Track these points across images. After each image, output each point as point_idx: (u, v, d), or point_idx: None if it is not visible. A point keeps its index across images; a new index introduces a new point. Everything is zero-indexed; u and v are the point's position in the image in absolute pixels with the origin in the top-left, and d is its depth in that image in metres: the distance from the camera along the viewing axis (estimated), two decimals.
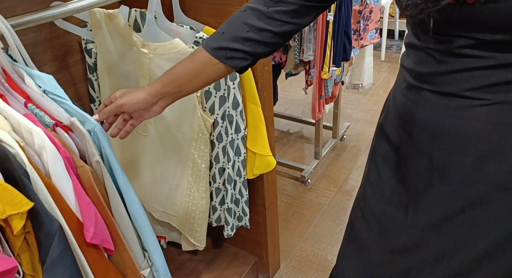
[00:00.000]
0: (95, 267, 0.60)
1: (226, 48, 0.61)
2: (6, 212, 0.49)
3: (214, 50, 0.61)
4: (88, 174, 0.57)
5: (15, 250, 0.55)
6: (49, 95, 0.62)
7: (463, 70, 0.56)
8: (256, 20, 0.60)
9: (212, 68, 0.62)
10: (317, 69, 1.55)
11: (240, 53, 0.61)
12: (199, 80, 0.63)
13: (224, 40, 0.60)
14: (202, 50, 0.62)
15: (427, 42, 0.58)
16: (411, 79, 0.64)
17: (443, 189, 0.65)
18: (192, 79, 0.63)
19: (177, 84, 0.64)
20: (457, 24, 0.54)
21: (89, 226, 0.56)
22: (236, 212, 1.13)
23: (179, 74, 0.63)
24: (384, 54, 3.09)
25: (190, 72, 0.63)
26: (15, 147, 0.53)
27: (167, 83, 0.64)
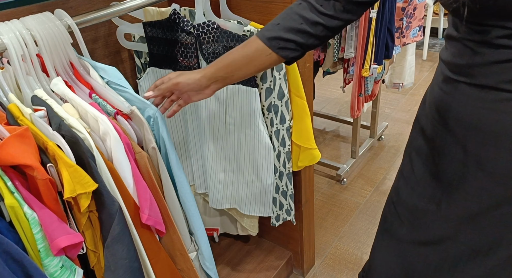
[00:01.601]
0: (148, 247, 0.64)
1: (280, 38, 0.64)
2: (76, 190, 0.55)
3: (268, 40, 0.64)
4: (145, 159, 0.62)
5: (80, 227, 0.61)
6: (112, 85, 0.67)
7: (500, 61, 0.56)
8: (309, 13, 0.63)
9: (264, 57, 0.65)
10: (358, 67, 1.53)
11: (292, 44, 0.64)
12: (251, 67, 0.67)
13: (279, 31, 0.64)
14: (256, 39, 0.66)
15: (464, 33, 0.58)
16: (448, 72, 0.64)
17: (478, 183, 0.64)
18: (245, 65, 0.67)
19: (230, 69, 0.67)
20: (493, 13, 0.53)
21: (144, 208, 0.61)
22: (284, 204, 1.14)
23: (233, 60, 0.67)
24: (426, 53, 2.98)
25: (243, 59, 0.66)
26: (84, 132, 0.59)
27: (221, 68, 0.68)
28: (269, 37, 0.64)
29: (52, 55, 0.68)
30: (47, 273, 0.55)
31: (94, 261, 0.62)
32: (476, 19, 0.55)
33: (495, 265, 0.68)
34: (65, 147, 0.57)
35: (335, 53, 1.61)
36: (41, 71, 0.68)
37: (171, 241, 0.68)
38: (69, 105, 0.64)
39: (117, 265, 0.59)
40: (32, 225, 0.53)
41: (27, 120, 0.61)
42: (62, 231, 0.54)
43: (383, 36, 1.49)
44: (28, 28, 0.65)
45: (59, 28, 0.68)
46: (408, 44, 1.72)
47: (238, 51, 0.68)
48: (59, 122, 0.60)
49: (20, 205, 0.53)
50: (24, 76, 0.66)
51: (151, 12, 1.01)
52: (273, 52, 0.65)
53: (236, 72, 0.68)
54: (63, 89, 0.66)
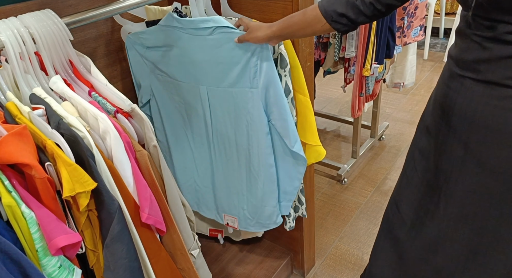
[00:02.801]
0: (148, 246, 0.64)
1: (335, 11, 0.71)
2: (75, 189, 0.54)
3: (326, 11, 0.72)
4: (145, 158, 0.61)
5: (79, 226, 0.60)
6: None
7: (506, 57, 0.56)
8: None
9: (320, 25, 0.74)
10: (359, 66, 1.53)
11: (344, 19, 0.71)
12: (309, 30, 0.77)
13: (336, 4, 0.71)
14: (316, 8, 0.74)
15: (473, 28, 0.58)
16: (455, 68, 0.64)
17: (479, 179, 0.64)
18: (303, 28, 0.76)
19: (290, 30, 0.78)
20: (500, 7, 0.53)
21: (144, 207, 0.60)
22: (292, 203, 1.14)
23: (295, 23, 0.77)
24: (427, 53, 2.98)
25: (302, 24, 0.76)
26: (83, 131, 0.58)
27: (283, 28, 0.78)
28: (327, 9, 0.72)
29: (50, 53, 0.67)
30: (45, 273, 0.54)
31: (93, 261, 0.61)
32: (484, 13, 0.56)
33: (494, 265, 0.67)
34: (64, 145, 0.56)
35: (336, 53, 1.60)
36: (39, 70, 0.67)
37: (172, 240, 0.68)
38: (68, 104, 0.64)
39: (117, 265, 0.58)
40: (30, 224, 0.53)
41: (25, 119, 0.60)
42: (60, 230, 0.54)
43: (384, 36, 1.48)
44: (26, 26, 0.65)
45: (58, 25, 0.67)
46: (409, 43, 1.71)
47: (298, 16, 0.76)
48: (58, 120, 0.59)
49: (18, 204, 0.52)
50: (22, 74, 0.65)
51: (153, 10, 1.01)
52: (326, 23, 0.72)
53: (295, 33, 0.79)
54: (62, 87, 0.66)
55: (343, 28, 0.72)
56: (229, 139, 1.01)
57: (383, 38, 1.48)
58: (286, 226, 1.14)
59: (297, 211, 1.16)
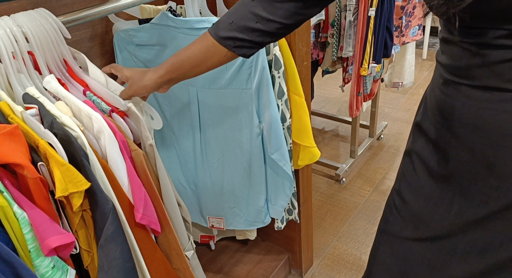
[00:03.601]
0: (143, 247, 0.63)
1: (235, 38, 0.61)
2: (68, 189, 0.54)
3: (223, 39, 0.62)
4: (141, 157, 0.60)
5: (73, 226, 0.60)
6: None
7: (501, 61, 0.55)
8: (264, 12, 0.59)
9: (219, 56, 0.63)
10: (356, 66, 1.52)
11: (247, 43, 0.62)
12: (204, 67, 0.65)
13: (233, 30, 0.61)
14: (208, 37, 0.63)
15: (460, 36, 0.57)
16: (448, 75, 0.63)
17: (489, 183, 0.63)
18: (198, 66, 0.65)
19: (182, 71, 0.66)
20: (486, 18, 0.53)
21: (139, 207, 0.60)
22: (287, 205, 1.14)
23: (185, 61, 0.65)
24: (426, 52, 2.97)
25: (196, 59, 0.64)
26: (77, 130, 0.57)
27: (173, 71, 0.66)
28: (223, 37, 0.62)
29: (44, 53, 0.67)
30: (38, 274, 0.54)
31: (88, 261, 0.61)
32: (469, 24, 0.55)
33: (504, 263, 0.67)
34: (57, 145, 0.56)
35: (334, 52, 1.60)
36: (33, 69, 0.67)
37: (167, 240, 0.67)
38: (62, 103, 0.63)
39: (111, 265, 0.58)
40: (22, 225, 0.52)
41: (18, 119, 0.59)
42: (53, 231, 0.53)
43: (381, 35, 1.48)
44: (19, 25, 0.64)
45: (52, 24, 0.66)
46: (408, 43, 1.71)
47: (190, 50, 0.65)
48: (51, 120, 0.59)
49: (10, 205, 0.52)
50: (15, 74, 0.65)
51: (147, 9, 1.00)
52: (229, 51, 0.63)
53: (188, 73, 0.66)
54: (56, 87, 0.65)
55: (249, 52, 0.63)
56: (217, 138, 1.00)
57: (381, 38, 1.48)
58: (275, 226, 1.14)
59: (290, 213, 1.15)
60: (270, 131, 0.94)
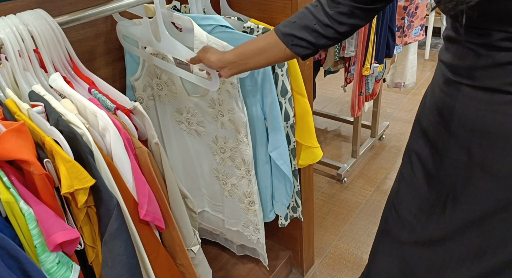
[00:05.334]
0: (147, 243, 0.64)
1: (294, 35, 0.67)
2: (73, 186, 0.55)
3: (284, 36, 0.68)
4: (145, 154, 0.61)
5: (78, 223, 0.60)
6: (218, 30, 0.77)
7: (504, 63, 0.55)
8: (323, 16, 0.65)
9: (278, 51, 0.69)
10: (358, 66, 1.53)
11: (304, 42, 0.67)
12: (263, 58, 0.71)
13: (294, 28, 0.67)
14: (273, 33, 0.70)
15: (465, 36, 0.57)
16: (449, 74, 0.63)
17: (484, 185, 0.63)
18: (257, 55, 0.71)
19: (244, 56, 0.72)
20: (493, 19, 0.53)
21: (143, 204, 0.61)
22: (291, 202, 1.14)
23: (249, 49, 0.72)
24: (428, 53, 2.97)
25: (258, 49, 0.71)
26: (82, 128, 0.58)
27: (236, 55, 0.73)
28: (285, 33, 0.68)
29: (50, 51, 0.68)
30: (43, 269, 0.55)
31: (92, 257, 0.62)
32: (476, 24, 0.54)
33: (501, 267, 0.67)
34: (63, 142, 0.57)
35: (336, 52, 1.60)
36: (39, 67, 0.68)
37: (171, 236, 0.68)
38: (68, 101, 0.64)
39: (115, 261, 0.58)
40: (28, 220, 0.53)
41: (24, 116, 0.60)
42: (59, 226, 0.54)
43: (384, 35, 1.48)
44: (25, 23, 0.65)
45: (51, 25, 0.67)
46: (410, 43, 1.71)
47: (255, 41, 0.72)
48: (57, 117, 0.60)
49: (16, 201, 0.53)
50: (22, 71, 0.65)
51: (152, 9, 1.01)
52: (287, 48, 0.68)
53: (249, 60, 0.72)
54: (61, 84, 0.66)
55: (304, 51, 0.68)
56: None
57: (383, 38, 1.48)
58: (278, 222, 1.15)
59: (294, 211, 1.16)
60: (270, 130, 0.94)
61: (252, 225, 1.08)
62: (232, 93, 0.89)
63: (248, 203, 1.04)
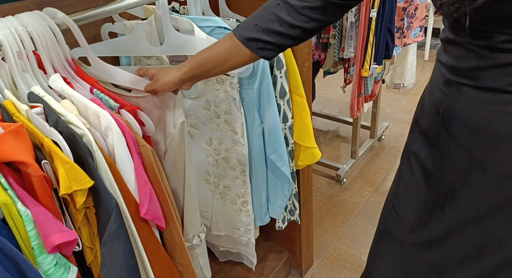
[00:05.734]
0: (147, 243, 0.64)
1: (258, 39, 0.64)
2: (72, 187, 0.54)
3: (247, 41, 0.64)
4: (149, 153, 0.61)
5: (76, 224, 0.60)
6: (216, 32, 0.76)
7: (507, 64, 0.55)
8: (287, 16, 0.62)
9: (242, 57, 0.66)
10: (358, 67, 1.53)
11: (270, 45, 0.64)
12: (226, 66, 0.67)
13: (257, 32, 0.63)
14: (233, 38, 0.65)
15: (466, 38, 0.57)
16: (449, 75, 0.63)
17: (484, 185, 0.63)
18: (221, 64, 0.67)
19: (205, 68, 0.68)
20: (496, 21, 0.53)
21: (144, 203, 0.61)
22: (288, 204, 1.14)
23: (208, 60, 0.67)
24: (428, 54, 2.98)
25: (219, 58, 0.67)
26: (83, 128, 0.58)
27: (196, 68, 0.68)
28: (247, 38, 0.64)
29: (49, 52, 0.67)
30: (41, 271, 0.54)
31: (90, 258, 0.61)
32: (478, 27, 0.55)
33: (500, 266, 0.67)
34: (62, 143, 0.57)
35: (335, 53, 1.61)
36: (37, 68, 0.67)
37: (172, 236, 0.68)
38: (68, 102, 0.64)
39: (113, 262, 0.58)
40: (25, 222, 0.53)
41: (23, 117, 0.60)
42: (57, 228, 0.54)
43: (383, 36, 1.48)
44: (24, 24, 0.65)
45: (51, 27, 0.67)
46: (409, 44, 1.71)
47: (214, 49, 0.67)
48: (56, 119, 0.60)
49: (14, 202, 0.52)
50: (20, 73, 0.65)
51: (151, 10, 1.01)
52: (252, 53, 0.65)
53: (211, 70, 0.69)
54: (61, 85, 0.66)
55: (270, 54, 0.65)
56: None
57: (382, 39, 1.48)
58: (276, 225, 1.15)
59: (292, 214, 1.16)
60: (269, 132, 0.94)
61: (243, 226, 1.08)
62: (231, 94, 0.89)
63: (241, 203, 1.04)
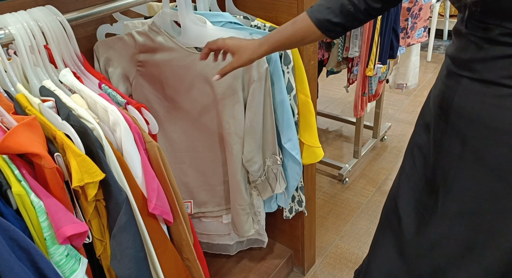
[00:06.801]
0: (155, 237, 0.65)
1: (329, 21, 0.70)
2: (84, 179, 0.55)
3: (320, 22, 0.70)
4: (155, 149, 0.62)
5: (86, 216, 0.61)
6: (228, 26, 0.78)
7: (502, 57, 0.57)
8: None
9: (315, 36, 0.72)
10: (362, 66, 1.53)
11: (339, 27, 0.70)
12: (302, 43, 0.75)
13: (329, 14, 0.69)
14: (307, 19, 0.71)
15: (469, 29, 0.59)
16: (452, 66, 0.65)
17: (474, 177, 0.65)
18: (298, 42, 0.74)
19: (284, 46, 0.75)
20: (494, 14, 0.54)
21: (152, 198, 0.61)
22: (296, 196, 1.15)
23: (288, 38, 0.73)
24: (431, 55, 2.98)
25: (297, 37, 0.73)
26: (93, 122, 0.59)
27: (277, 46, 0.74)
28: (320, 19, 0.70)
29: (60, 47, 0.68)
30: (53, 261, 0.55)
31: (100, 250, 0.62)
32: (478, 18, 0.57)
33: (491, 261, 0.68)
34: (75, 136, 0.57)
35: (339, 53, 1.61)
36: (48, 63, 0.68)
37: (178, 231, 0.69)
38: (78, 96, 0.65)
39: (123, 254, 0.59)
40: (38, 213, 0.54)
41: (35, 110, 0.61)
42: (68, 220, 0.55)
43: (388, 36, 1.49)
44: (35, 19, 0.66)
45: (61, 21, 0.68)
46: (413, 44, 1.72)
47: (293, 29, 0.72)
48: (68, 112, 0.60)
49: (27, 193, 0.53)
50: (32, 67, 0.66)
51: (155, 8, 1.02)
52: (322, 34, 0.71)
53: (288, 47, 0.76)
54: (71, 80, 0.67)
55: (337, 35, 0.72)
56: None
57: (387, 39, 1.49)
58: (283, 214, 1.16)
59: (300, 205, 1.17)
60: (283, 121, 0.95)
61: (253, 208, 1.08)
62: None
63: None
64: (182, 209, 0.68)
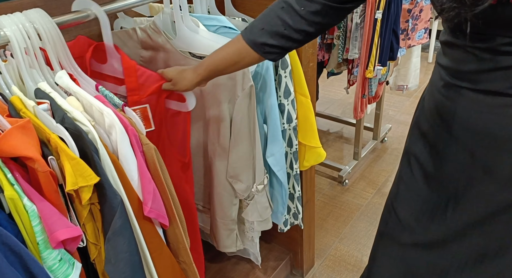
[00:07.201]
0: (150, 241, 0.64)
1: (265, 44, 0.67)
2: (78, 183, 0.55)
3: (255, 45, 0.68)
4: (152, 151, 0.61)
5: (81, 220, 0.60)
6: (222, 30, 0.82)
7: (508, 67, 0.55)
8: (292, 20, 0.65)
9: (251, 59, 0.70)
10: (362, 68, 1.53)
11: (276, 49, 0.68)
12: (237, 66, 0.73)
13: (264, 36, 0.67)
14: (241, 42, 0.69)
15: (466, 40, 0.58)
16: (449, 78, 0.63)
17: (486, 187, 0.64)
18: (232, 65, 0.72)
19: (219, 70, 0.74)
20: (498, 24, 0.53)
21: (147, 201, 0.61)
22: (291, 208, 1.13)
23: (221, 62, 0.72)
24: (432, 56, 2.97)
25: (231, 60, 0.71)
26: (88, 125, 0.58)
27: (210, 70, 0.74)
28: (256, 42, 0.68)
29: (56, 48, 0.68)
30: (46, 266, 0.55)
31: (95, 254, 0.62)
32: (479, 30, 0.55)
33: (502, 269, 0.67)
34: (69, 139, 0.57)
35: (339, 54, 1.61)
36: (44, 64, 0.68)
37: (174, 234, 0.68)
38: (73, 99, 0.64)
39: (118, 258, 0.58)
40: (31, 217, 0.53)
41: (29, 113, 0.60)
42: (62, 224, 0.54)
43: (388, 37, 1.48)
44: (31, 21, 0.65)
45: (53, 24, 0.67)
46: (414, 46, 1.71)
47: (226, 51, 0.72)
48: (63, 115, 0.60)
49: (20, 197, 0.53)
50: (27, 69, 0.65)
51: (156, 8, 1.01)
52: (261, 56, 0.69)
53: (223, 71, 0.74)
54: (67, 82, 0.66)
55: (277, 57, 0.70)
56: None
57: (387, 40, 1.48)
58: (278, 228, 1.14)
59: (295, 218, 1.15)
60: (268, 135, 0.94)
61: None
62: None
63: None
64: (179, 211, 0.67)
